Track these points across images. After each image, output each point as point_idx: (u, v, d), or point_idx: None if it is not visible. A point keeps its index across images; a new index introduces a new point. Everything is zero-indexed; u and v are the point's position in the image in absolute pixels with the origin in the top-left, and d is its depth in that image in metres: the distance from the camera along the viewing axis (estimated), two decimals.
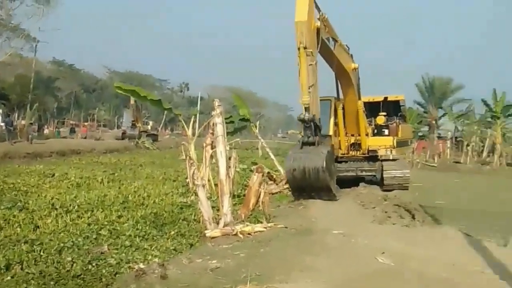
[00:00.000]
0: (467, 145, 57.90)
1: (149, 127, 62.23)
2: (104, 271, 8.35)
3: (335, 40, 17.67)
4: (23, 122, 53.25)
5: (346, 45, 19.44)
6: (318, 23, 15.34)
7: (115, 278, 8.00)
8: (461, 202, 21.11)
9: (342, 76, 19.75)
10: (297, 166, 14.14)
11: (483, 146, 58.34)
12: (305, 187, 14.52)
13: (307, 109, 14.05)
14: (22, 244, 9.74)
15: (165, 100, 13.03)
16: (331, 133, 21.45)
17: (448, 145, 60.33)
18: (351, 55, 20.30)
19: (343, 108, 21.82)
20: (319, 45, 15.30)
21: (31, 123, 55.54)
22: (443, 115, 67.78)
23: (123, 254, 9.29)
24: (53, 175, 20.80)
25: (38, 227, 11.30)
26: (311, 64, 14.27)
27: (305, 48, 14.03)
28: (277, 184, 18.50)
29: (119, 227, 11.55)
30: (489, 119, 56.44)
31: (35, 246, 9.65)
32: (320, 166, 13.72)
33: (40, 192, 16.02)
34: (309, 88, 14.01)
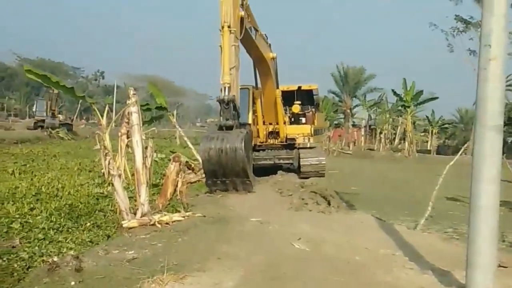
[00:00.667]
0: (380, 132, 59.71)
1: (63, 116, 60.39)
2: (15, 265, 8.13)
3: (256, 30, 17.74)
4: None
5: (265, 35, 19.56)
6: (242, 12, 15.28)
7: (28, 272, 7.80)
8: (374, 188, 21.76)
9: (261, 65, 19.85)
10: (213, 146, 13.51)
11: (395, 134, 60.35)
12: (221, 171, 13.94)
13: (227, 89, 13.75)
14: None
15: (79, 89, 12.66)
16: (250, 121, 21.52)
17: (362, 133, 62.08)
18: (270, 45, 20.45)
19: (261, 97, 21.95)
20: (242, 34, 15.27)
21: None
22: (357, 105, 69.54)
23: (36, 248, 9.07)
24: None
25: None
26: (234, 45, 14.12)
27: (229, 27, 13.83)
28: (195, 173, 18.40)
29: (32, 220, 11.25)
30: (400, 108, 58.12)
31: None
32: (238, 146, 13.28)
33: None
34: (230, 70, 13.82)
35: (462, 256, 6.64)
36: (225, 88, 13.63)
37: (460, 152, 14.22)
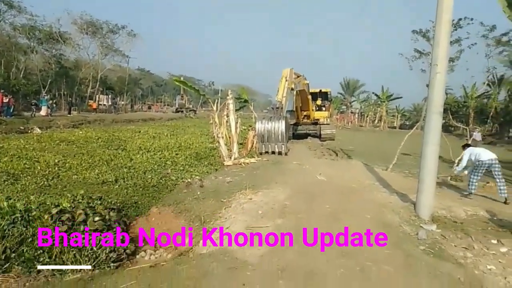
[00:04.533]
0: (366, 116, 58.22)
1: (191, 106, 60.68)
2: (169, 183, 8.42)
3: (299, 80, 17.77)
4: (122, 102, 52.91)
5: (303, 75, 19.17)
6: (293, 85, 15.69)
7: (175, 187, 8.07)
8: (362, 147, 21.20)
9: (301, 88, 19.53)
10: (263, 125, 13.02)
11: (375, 117, 58.54)
12: (266, 137, 12.69)
13: (278, 103, 13.89)
14: (124, 168, 9.78)
15: (200, 90, 12.86)
16: (294, 109, 21.83)
17: (356, 117, 60.50)
18: (305, 78, 19.94)
19: (300, 97, 21.73)
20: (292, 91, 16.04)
21: (127, 104, 55.12)
22: (354, 100, 67.48)
23: (179, 174, 9.36)
24: (140, 131, 20.69)
25: (132, 159, 11.31)
26: (287, 87, 14.52)
27: (286, 79, 14.50)
28: None
29: (177, 160, 11.60)
30: (379, 103, 56.44)
31: (130, 170, 9.69)
32: (281, 124, 12.90)
33: (132, 141, 15.95)
34: (282, 96, 14.03)
35: (414, 186, 6.43)
36: (278, 102, 13.83)
37: (414, 128, 13.67)
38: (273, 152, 12.83)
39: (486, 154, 7.88)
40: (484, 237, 5.21)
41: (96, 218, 4.71)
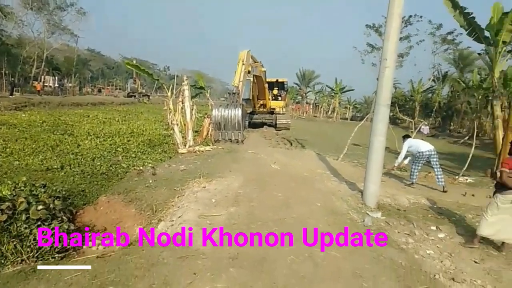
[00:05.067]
0: (321, 107, 59.73)
1: (144, 90, 58.26)
2: (119, 170, 8.15)
3: (255, 66, 17.57)
4: (69, 84, 49.94)
5: (260, 62, 19.06)
6: (250, 68, 15.29)
7: (126, 174, 7.82)
8: (315, 137, 21.77)
9: (258, 74, 19.43)
10: (220, 112, 12.92)
11: (329, 108, 60.19)
12: (223, 124, 13.18)
13: (235, 88, 13.73)
14: (70, 155, 9.30)
15: (155, 75, 12.35)
16: (250, 98, 21.71)
17: (311, 107, 61.84)
18: (262, 65, 19.87)
19: (257, 85, 21.66)
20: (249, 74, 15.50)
21: (75, 86, 52.04)
22: (309, 91, 68.72)
23: (131, 162, 9.08)
24: (89, 116, 19.70)
25: (79, 145, 10.77)
26: (243, 71, 14.25)
27: (243, 62, 14.20)
28: None
29: (128, 147, 11.23)
30: (332, 94, 58.02)
31: (78, 156, 9.25)
32: (238, 112, 12.87)
33: (80, 125, 15.17)
34: (239, 81, 13.83)
35: (363, 175, 6.71)
36: (235, 87, 13.64)
37: (364, 120, 14.22)
38: (230, 140, 12.78)
39: (425, 146, 8.44)
40: (425, 224, 5.59)
41: (40, 207, 4.45)
